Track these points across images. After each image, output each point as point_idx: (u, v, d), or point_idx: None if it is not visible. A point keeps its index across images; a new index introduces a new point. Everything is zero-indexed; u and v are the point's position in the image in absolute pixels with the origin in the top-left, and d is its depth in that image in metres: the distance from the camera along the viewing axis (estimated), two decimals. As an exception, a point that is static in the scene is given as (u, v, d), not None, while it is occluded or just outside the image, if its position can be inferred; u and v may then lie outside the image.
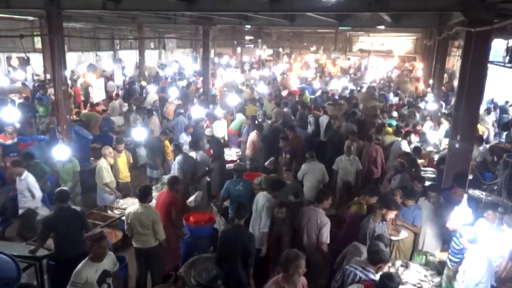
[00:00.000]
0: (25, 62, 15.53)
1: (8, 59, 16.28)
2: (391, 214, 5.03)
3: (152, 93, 14.11)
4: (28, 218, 6.26)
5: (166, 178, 7.51)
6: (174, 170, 7.32)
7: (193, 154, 7.67)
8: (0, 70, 15.91)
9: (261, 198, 5.71)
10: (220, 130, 10.09)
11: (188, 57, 24.18)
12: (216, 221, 6.47)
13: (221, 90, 15.37)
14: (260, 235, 5.54)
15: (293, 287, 3.65)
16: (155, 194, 6.35)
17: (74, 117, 10.69)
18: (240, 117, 10.83)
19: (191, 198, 6.84)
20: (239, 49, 26.40)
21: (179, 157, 7.33)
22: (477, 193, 6.72)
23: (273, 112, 11.45)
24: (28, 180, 6.21)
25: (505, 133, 11.62)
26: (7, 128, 8.16)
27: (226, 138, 10.40)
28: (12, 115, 7.84)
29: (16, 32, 7.50)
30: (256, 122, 9.72)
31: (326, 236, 5.16)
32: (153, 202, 5.82)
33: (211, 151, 8.63)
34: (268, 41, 27.19)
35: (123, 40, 21.03)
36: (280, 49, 25.18)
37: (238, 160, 8.86)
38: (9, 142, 8.15)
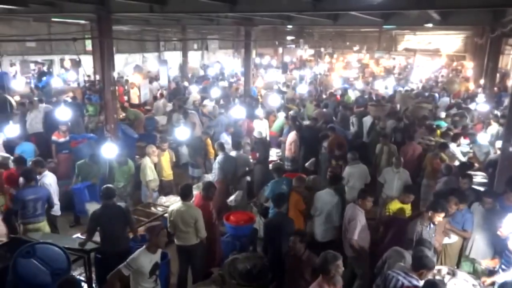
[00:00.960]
0: (76, 64, 16.36)
1: (61, 61, 17.21)
2: (439, 218, 4.83)
3: (194, 93, 14.42)
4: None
5: (207, 177, 7.66)
6: (215, 169, 7.43)
7: (233, 153, 7.75)
8: (55, 72, 16.86)
9: (326, 195, 5.88)
10: (261, 130, 10.13)
11: (230, 57, 24.48)
12: (256, 221, 6.51)
13: (263, 91, 15.44)
14: (325, 229, 5.82)
15: None
16: (196, 192, 6.48)
17: (122, 116, 11.11)
18: (281, 117, 10.82)
19: (231, 198, 6.91)
20: (280, 50, 26.35)
21: (220, 157, 7.43)
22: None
23: (314, 113, 11.35)
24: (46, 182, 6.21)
25: None
26: (61, 127, 8.62)
27: (268, 139, 10.43)
28: (65, 114, 8.28)
29: (69, 36, 7.88)
30: (297, 123, 9.66)
31: (352, 232, 5.11)
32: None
33: (257, 153, 8.66)
34: (310, 41, 26.93)
35: (167, 42, 21.63)
36: (322, 49, 24.81)
37: (278, 161, 8.86)
38: (62, 140, 8.60)
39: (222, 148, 7.67)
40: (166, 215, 5.79)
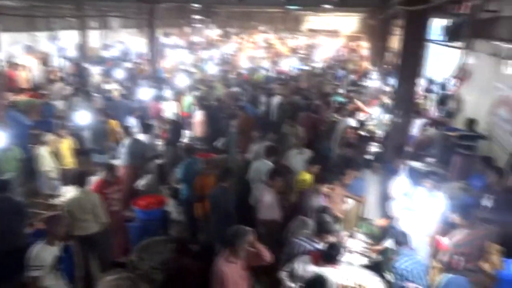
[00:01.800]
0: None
1: None
2: (333, 187, 5.18)
3: (95, 75, 13.53)
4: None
5: (114, 162, 7.32)
6: (122, 154, 7.13)
7: (141, 137, 7.50)
8: None
9: (262, 165, 5.93)
10: (170, 112, 9.92)
11: (134, 37, 23.27)
12: (168, 203, 6.44)
13: (170, 72, 15.03)
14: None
15: (242, 261, 3.78)
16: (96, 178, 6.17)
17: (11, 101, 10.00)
18: (189, 98, 10.69)
19: (141, 182, 6.73)
20: (188, 29, 25.77)
21: (127, 141, 7.14)
22: (416, 164, 7.15)
23: (223, 93, 11.40)
24: None
25: (443, 108, 12.34)
26: None
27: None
28: None
29: None
30: (204, 102, 9.64)
31: (261, 211, 5.25)
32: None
33: (168, 134, 8.44)
34: (217, 21, 26.73)
35: (62, 19, 19.76)
36: (229, 29, 24.86)
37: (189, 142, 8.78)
38: None
39: (129, 131, 7.38)
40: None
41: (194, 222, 6.26)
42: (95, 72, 14.03)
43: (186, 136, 9.42)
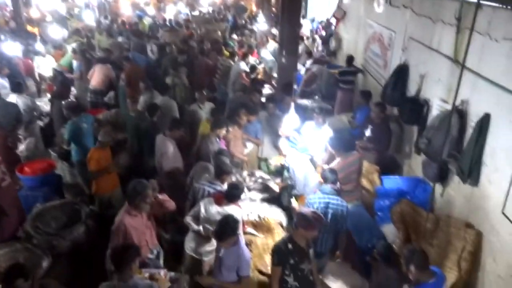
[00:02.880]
0: None
1: None
2: (223, 131, 5.31)
3: None
4: None
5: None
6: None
7: (13, 98, 6.66)
8: None
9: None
10: (46, 68, 8.91)
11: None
12: (58, 167, 6.00)
13: (40, 22, 13.28)
14: None
15: (144, 214, 3.82)
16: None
17: None
18: (68, 52, 9.69)
19: (21, 147, 6.10)
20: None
21: (-7, 104, 6.29)
22: (304, 101, 7.64)
23: (107, 44, 10.53)
24: None
25: (326, 47, 13.12)
26: None
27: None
28: None
29: None
30: (87, 55, 8.85)
31: (166, 164, 5.24)
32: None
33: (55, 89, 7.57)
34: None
35: None
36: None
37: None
38: None
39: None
40: None
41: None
42: None
43: (72, 92, 8.64)
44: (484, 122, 3.62)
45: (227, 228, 3.29)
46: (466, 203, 3.98)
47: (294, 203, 4.89)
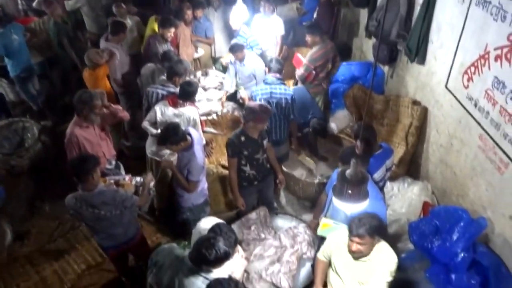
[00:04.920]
0: None
1: None
2: (169, 33, 5.00)
3: None
4: None
5: None
6: None
7: None
8: None
9: None
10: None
11: None
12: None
13: None
14: None
15: (97, 126, 3.76)
16: None
17: None
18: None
19: None
20: None
21: None
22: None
23: None
24: None
25: None
26: None
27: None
28: None
29: None
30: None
31: (114, 72, 5.04)
32: None
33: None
34: None
35: None
36: None
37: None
38: None
39: None
40: None
41: (34, 96, 5.69)
42: None
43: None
44: (432, -3, 3.60)
45: (166, 136, 3.29)
46: (414, 82, 4.14)
47: (243, 93, 4.88)
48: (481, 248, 2.73)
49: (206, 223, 2.79)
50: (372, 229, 2.44)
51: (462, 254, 2.63)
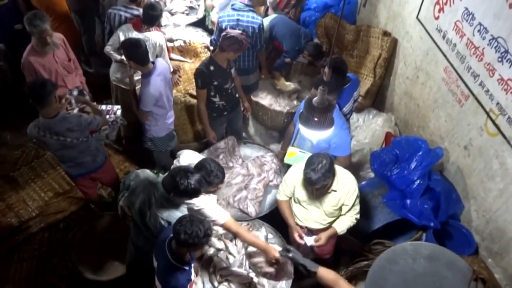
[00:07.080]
0: None
1: None
2: None
3: None
4: None
5: None
6: None
7: None
8: None
9: None
10: None
11: None
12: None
13: None
14: None
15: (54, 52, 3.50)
16: None
17: None
18: None
19: None
20: None
21: None
22: None
23: None
24: None
25: None
26: None
27: None
28: None
29: None
30: None
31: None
32: None
33: None
34: None
35: None
36: None
37: None
38: None
39: None
40: None
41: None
42: None
43: None
44: None
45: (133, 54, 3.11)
46: (386, 12, 4.06)
47: (214, 17, 4.65)
48: (436, 176, 2.91)
49: (185, 158, 2.83)
50: (328, 174, 2.47)
51: (418, 182, 2.81)
